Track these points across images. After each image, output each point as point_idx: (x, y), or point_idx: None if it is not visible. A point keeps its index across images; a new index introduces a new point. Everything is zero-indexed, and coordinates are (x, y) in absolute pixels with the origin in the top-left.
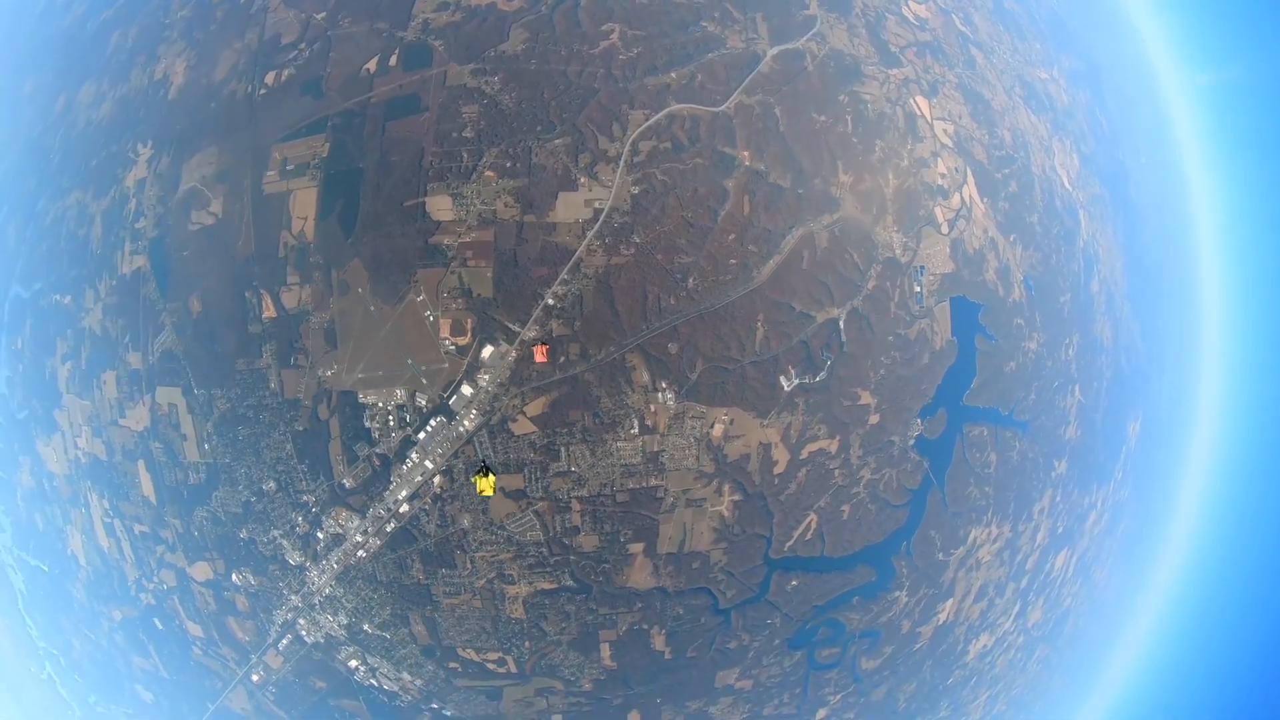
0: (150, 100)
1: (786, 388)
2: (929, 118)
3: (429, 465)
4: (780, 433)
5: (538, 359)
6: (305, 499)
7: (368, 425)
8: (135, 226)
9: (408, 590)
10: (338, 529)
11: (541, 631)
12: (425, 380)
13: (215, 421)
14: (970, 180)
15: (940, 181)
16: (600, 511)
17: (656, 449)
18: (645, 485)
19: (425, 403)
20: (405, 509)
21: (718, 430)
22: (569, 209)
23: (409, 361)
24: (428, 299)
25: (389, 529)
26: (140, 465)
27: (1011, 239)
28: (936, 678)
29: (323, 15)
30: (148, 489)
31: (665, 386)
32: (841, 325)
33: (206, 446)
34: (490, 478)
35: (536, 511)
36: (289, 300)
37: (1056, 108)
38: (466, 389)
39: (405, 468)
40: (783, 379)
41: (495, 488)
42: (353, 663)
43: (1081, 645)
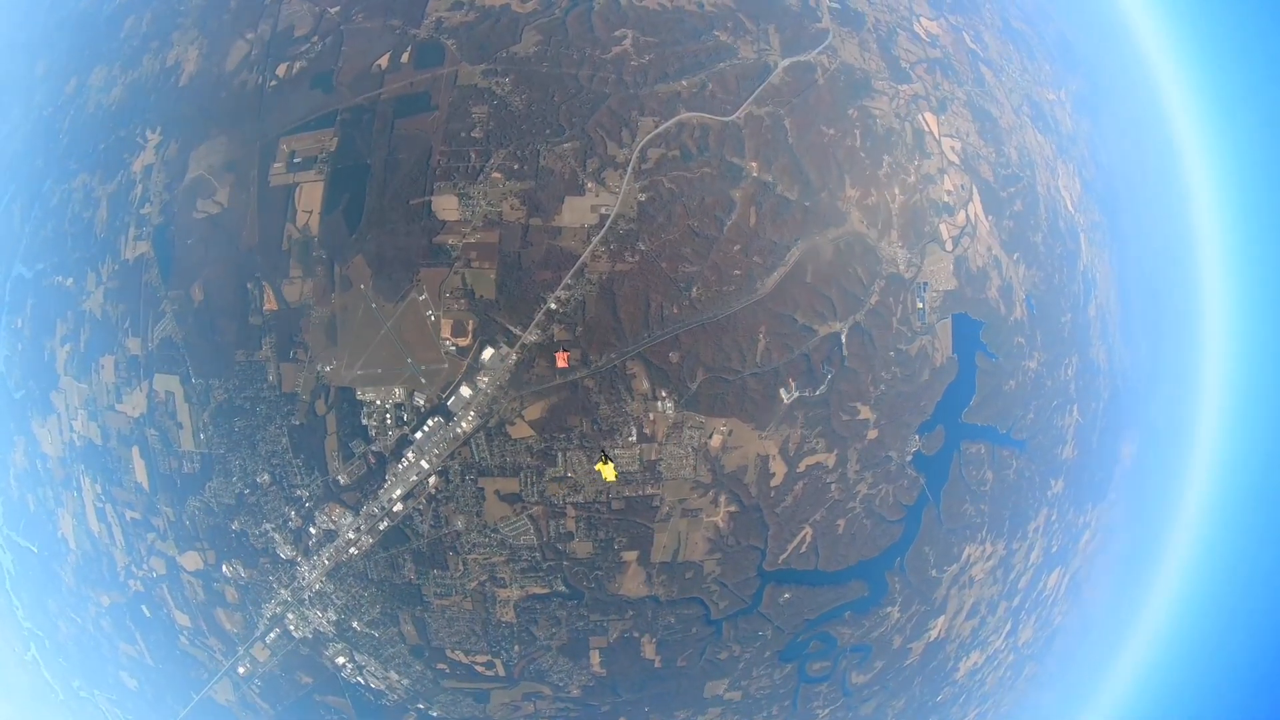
0: (161, 86)
1: (786, 400)
2: (937, 134)
3: (425, 465)
4: (778, 445)
5: (560, 364)
6: (299, 493)
7: (365, 422)
8: (140, 212)
9: (398, 589)
10: (330, 525)
11: (531, 636)
12: (424, 380)
13: (212, 411)
14: (976, 198)
15: (946, 198)
16: (595, 518)
17: (654, 458)
18: (641, 493)
19: (423, 402)
20: (399, 508)
21: (716, 441)
22: (575, 214)
23: (408, 360)
24: (430, 298)
25: (382, 527)
26: (135, 451)
27: (1015, 257)
28: (926, 694)
29: (336, 9)
30: (141, 476)
31: (665, 395)
32: (843, 339)
33: (202, 436)
34: (610, 465)
35: (531, 516)
36: (291, 293)
37: (1061, 131)
38: (465, 390)
39: (401, 467)
40: (783, 391)
41: (614, 472)
42: (340, 659)
43: (1071, 665)
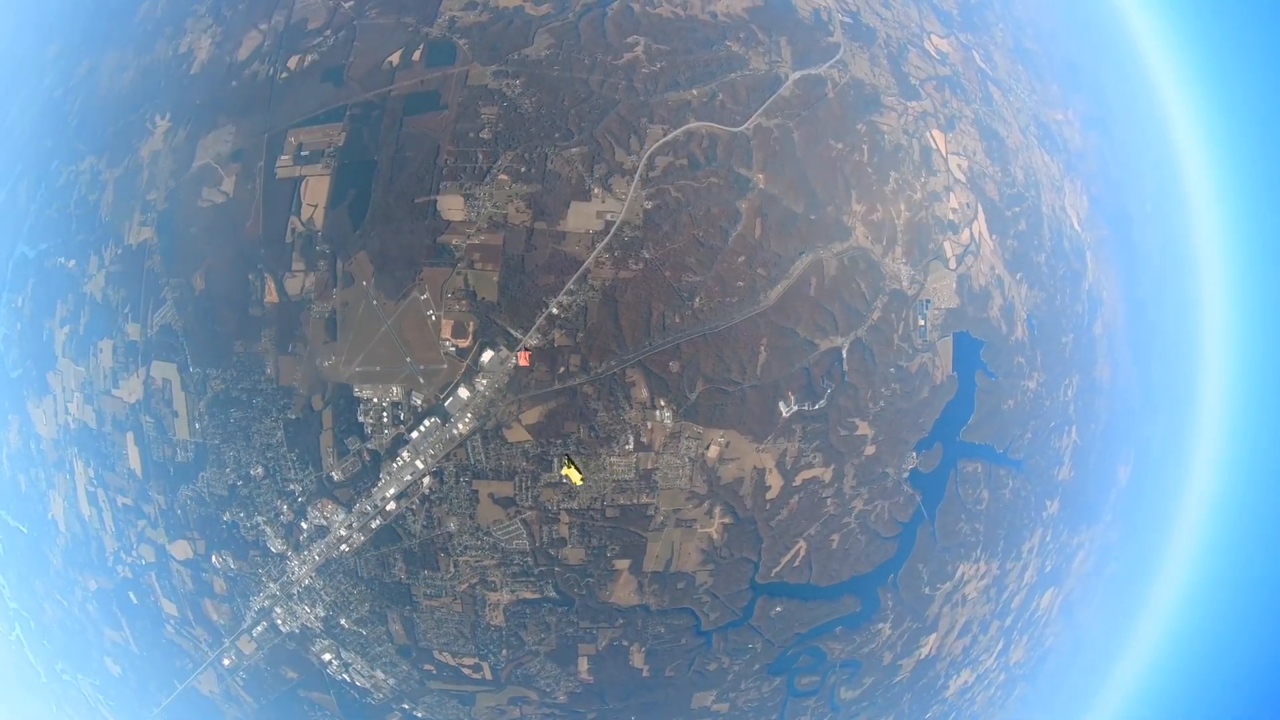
0: (172, 73)
1: (785, 413)
2: (944, 152)
3: (419, 465)
4: (775, 458)
5: (521, 363)
6: (292, 488)
7: (361, 420)
8: (146, 198)
9: (388, 588)
10: (322, 520)
11: (520, 640)
12: (422, 380)
13: (208, 401)
14: (981, 216)
15: (951, 216)
16: (589, 525)
17: (650, 467)
18: (636, 502)
19: (421, 402)
20: (392, 507)
21: (713, 452)
22: (580, 219)
23: (408, 359)
24: (431, 298)
25: (374, 525)
26: (129, 437)
27: (1018, 277)
28: (915, 712)
29: (350, 4)
30: (134, 462)
31: (664, 404)
32: (844, 354)
33: (197, 425)
34: (574, 468)
35: (524, 520)
36: (292, 287)
37: (1069, 149)
38: (463, 392)
39: (395, 466)
40: (782, 404)
41: (582, 479)
42: (327, 656)
43: (1062, 686)
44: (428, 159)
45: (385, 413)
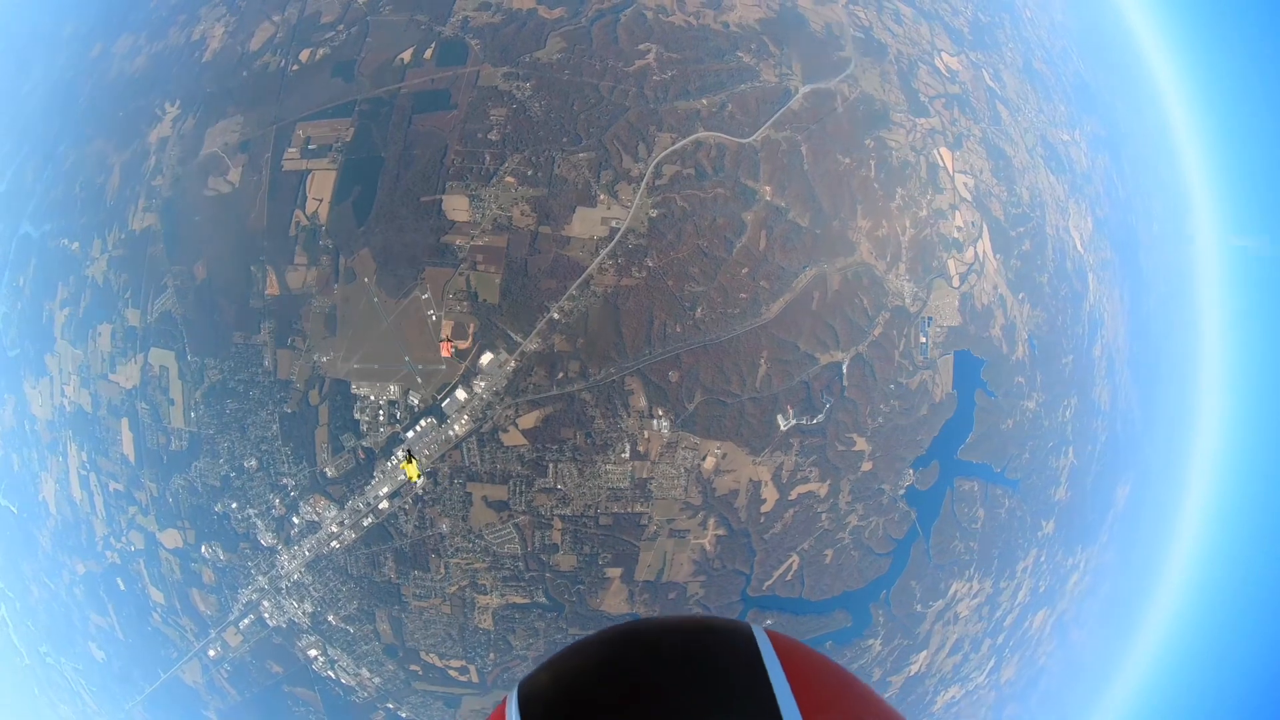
0: (184, 60)
1: (783, 427)
2: (951, 170)
3: None
4: (771, 471)
5: (444, 353)
6: (285, 482)
7: (357, 417)
8: (152, 184)
9: (377, 587)
10: (314, 516)
11: (508, 645)
12: (420, 379)
13: (205, 391)
14: (985, 235)
15: (956, 234)
16: (581, 532)
17: (646, 476)
18: (630, 510)
19: (418, 402)
20: (385, 505)
21: (709, 463)
22: (585, 224)
23: (406, 358)
24: (433, 298)
25: (366, 523)
26: (124, 423)
27: (1020, 297)
28: None
29: (365, 0)
30: (128, 448)
31: (661, 414)
32: (844, 369)
33: (193, 415)
34: (414, 464)
35: (517, 524)
36: (293, 280)
37: (1076, 170)
38: (461, 393)
39: (390, 464)
40: (780, 418)
41: (419, 473)
42: (313, 652)
43: (1054, 706)
44: (435, 158)
45: (382, 411)
